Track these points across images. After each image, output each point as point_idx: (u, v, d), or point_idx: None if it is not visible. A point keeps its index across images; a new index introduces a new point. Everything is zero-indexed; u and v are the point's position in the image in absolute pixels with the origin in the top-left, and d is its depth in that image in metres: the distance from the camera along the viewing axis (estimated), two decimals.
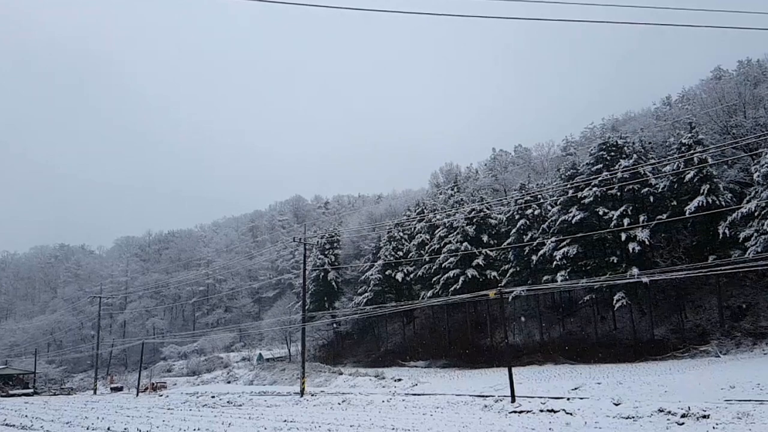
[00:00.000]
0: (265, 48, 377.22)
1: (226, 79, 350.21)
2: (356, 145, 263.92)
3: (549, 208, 50.51)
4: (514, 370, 26.36)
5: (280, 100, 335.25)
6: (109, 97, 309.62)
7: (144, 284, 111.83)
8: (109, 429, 22.55)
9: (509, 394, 24.58)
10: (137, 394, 56.82)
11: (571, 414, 19.95)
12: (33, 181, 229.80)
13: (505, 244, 51.62)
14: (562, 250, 44.87)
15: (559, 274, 44.06)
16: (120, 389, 68.95)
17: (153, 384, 64.08)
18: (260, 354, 76.25)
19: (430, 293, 54.90)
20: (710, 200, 38.50)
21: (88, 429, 23.16)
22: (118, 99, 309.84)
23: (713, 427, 15.54)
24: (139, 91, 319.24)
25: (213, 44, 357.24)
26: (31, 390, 70.52)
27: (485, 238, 53.75)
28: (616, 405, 19.91)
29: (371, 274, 63.25)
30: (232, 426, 21.81)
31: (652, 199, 42.31)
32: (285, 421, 22.84)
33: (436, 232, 58.68)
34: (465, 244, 52.80)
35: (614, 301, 41.62)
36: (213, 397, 43.27)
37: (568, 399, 22.81)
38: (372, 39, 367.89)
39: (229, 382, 62.03)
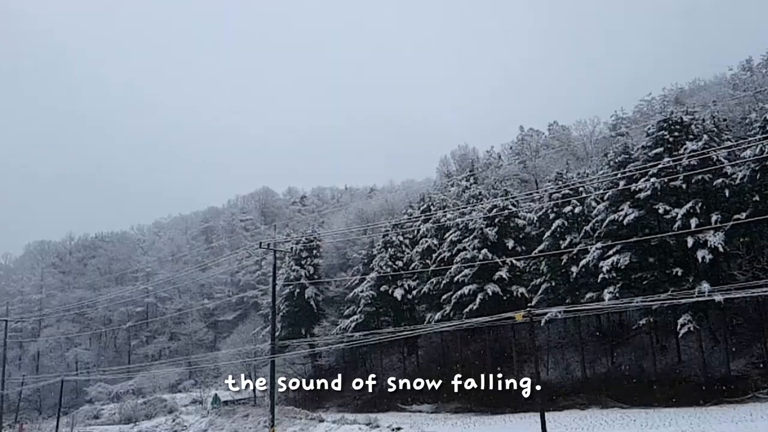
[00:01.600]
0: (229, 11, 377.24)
1: (173, 43, 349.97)
2: (343, 124, 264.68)
3: (593, 204, 50.56)
4: (548, 416, 26.38)
5: (244, 68, 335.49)
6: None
7: (64, 304, 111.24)
8: None
9: None
10: None
11: None
12: None
13: (536, 251, 51.61)
14: (610, 260, 44.86)
15: (606, 290, 44.01)
16: None
17: None
18: (216, 395, 76.09)
19: (438, 315, 54.89)
20: None
21: None
22: (29, 65, 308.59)
23: None
24: (58, 55, 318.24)
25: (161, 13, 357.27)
26: None
27: (510, 244, 53.76)
28: None
29: (362, 291, 63.21)
30: None
31: (727, 193, 42.32)
32: None
33: (447, 235, 58.66)
34: (484, 251, 52.75)
35: (678, 326, 41.60)
36: None
37: None
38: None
39: None
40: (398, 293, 60.60)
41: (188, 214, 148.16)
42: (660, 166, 44.37)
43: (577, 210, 51.25)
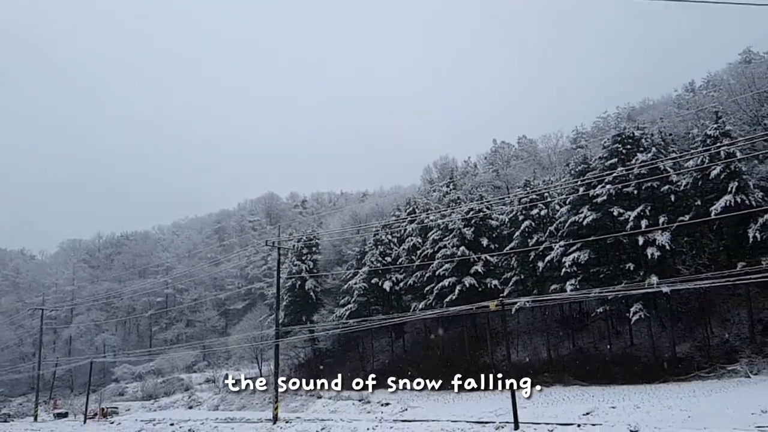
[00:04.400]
0: (235, 26, 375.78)
1: (190, 63, 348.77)
2: (338, 136, 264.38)
3: (557, 207, 50.68)
4: (517, 392, 26.40)
5: (252, 87, 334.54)
6: (45, 83, 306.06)
7: (93, 294, 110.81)
8: None
9: (512, 420, 24.64)
10: (84, 421, 56.40)
11: None
12: None
13: (507, 248, 51.70)
14: (571, 256, 45.01)
15: (568, 283, 44.16)
16: (65, 415, 68.41)
17: (103, 409, 63.67)
18: (227, 375, 75.84)
19: (422, 305, 54.84)
20: (739, 200, 38.72)
21: None
22: (60, 83, 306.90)
23: None
24: (87, 74, 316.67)
25: (174, 26, 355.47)
26: None
27: (485, 242, 53.81)
28: None
29: (355, 283, 63.11)
30: None
31: (673, 198, 42.49)
32: None
33: (429, 234, 58.65)
34: (462, 248, 52.81)
35: (631, 314, 41.78)
36: (172, 424, 43.01)
37: (579, 426, 22.89)
38: (356, 16, 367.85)
39: (190, 407, 61.79)
40: (387, 285, 60.48)
41: (203, 215, 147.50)
42: (614, 174, 44.59)
43: (542, 213, 51.40)
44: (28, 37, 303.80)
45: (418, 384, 54.76)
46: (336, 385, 61.39)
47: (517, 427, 24.02)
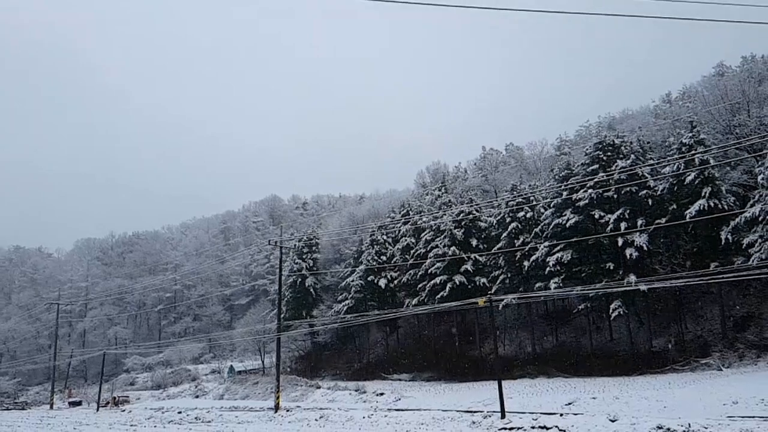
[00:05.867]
0: (238, 38, 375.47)
1: (195, 71, 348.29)
2: (338, 142, 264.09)
3: (542, 210, 50.71)
4: (504, 383, 26.37)
5: (256, 95, 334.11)
6: (63, 88, 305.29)
7: (106, 290, 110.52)
8: None
9: (499, 409, 24.58)
10: (97, 409, 56.17)
11: (564, 431, 19.98)
12: None
13: (495, 248, 51.70)
14: (555, 256, 45.02)
15: (552, 281, 44.17)
16: (79, 404, 68.14)
17: (115, 398, 63.41)
18: (231, 366, 75.74)
19: (415, 301, 54.83)
20: (712, 204, 38.85)
21: None
22: (73, 91, 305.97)
23: None
24: (97, 82, 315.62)
25: (184, 34, 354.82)
26: None
27: (474, 243, 53.80)
28: (613, 421, 19.97)
29: (352, 281, 63.04)
30: None
31: (650, 202, 42.60)
32: None
33: (422, 235, 58.60)
34: (453, 248, 52.78)
35: (610, 311, 41.82)
36: (180, 412, 42.83)
37: (562, 415, 22.84)
38: (354, 32, 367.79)
39: (197, 396, 61.53)
40: (382, 282, 60.47)
41: (209, 216, 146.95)
42: (596, 179, 44.61)
43: (528, 215, 51.45)
44: (55, 50, 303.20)
45: (411, 375, 55.04)
46: (334, 376, 61.73)
47: (503, 415, 23.97)
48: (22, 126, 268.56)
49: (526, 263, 48.26)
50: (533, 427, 21.24)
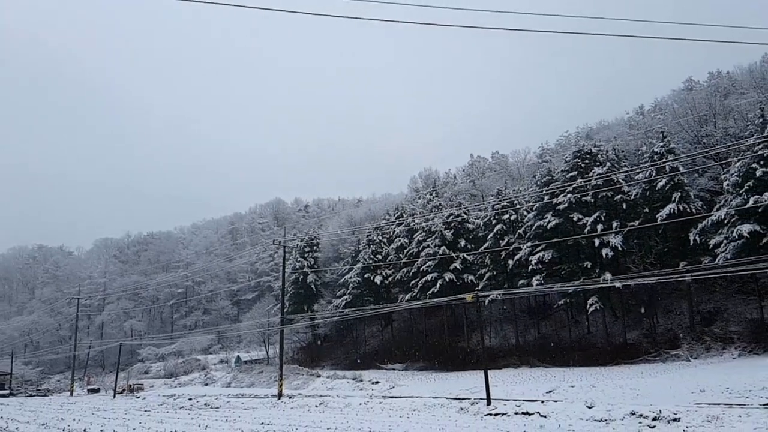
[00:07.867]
0: (245, 48, 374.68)
1: (204, 79, 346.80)
2: (337, 149, 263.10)
3: (525, 213, 50.76)
4: (490, 372, 26.35)
5: (263, 104, 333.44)
6: (81, 97, 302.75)
7: (122, 286, 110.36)
8: (85, 431, 22.06)
9: (485, 396, 24.53)
10: (114, 396, 55.92)
11: (545, 417, 19.94)
12: (6, 181, 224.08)
13: (482, 248, 51.73)
14: (537, 255, 45.08)
15: (534, 278, 44.24)
16: (97, 391, 67.86)
17: (130, 386, 63.14)
18: (238, 356, 75.47)
19: (408, 296, 54.80)
20: (681, 208, 38.95)
21: (63, 431, 22.64)
22: (91, 99, 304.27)
23: (683, 430, 15.59)
24: (113, 90, 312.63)
25: (191, 43, 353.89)
26: (7, 391, 69.18)
27: (463, 243, 53.79)
28: (590, 408, 19.95)
29: (350, 277, 62.97)
30: (208, 428, 21.44)
31: (624, 206, 42.67)
32: (262, 423, 22.51)
33: (415, 236, 58.63)
34: (443, 248, 52.79)
35: (588, 306, 41.91)
36: (190, 399, 42.68)
37: (543, 402, 22.80)
38: (352, 45, 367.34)
39: (206, 384, 61.29)
40: (378, 279, 60.42)
41: (218, 218, 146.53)
42: (574, 185, 44.71)
43: (512, 218, 51.46)
44: (80, 72, 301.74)
45: (404, 365, 54.97)
46: (333, 365, 61.61)
47: (489, 402, 23.93)
48: (45, 139, 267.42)
49: (510, 262, 48.33)
50: (516, 413, 21.20)
